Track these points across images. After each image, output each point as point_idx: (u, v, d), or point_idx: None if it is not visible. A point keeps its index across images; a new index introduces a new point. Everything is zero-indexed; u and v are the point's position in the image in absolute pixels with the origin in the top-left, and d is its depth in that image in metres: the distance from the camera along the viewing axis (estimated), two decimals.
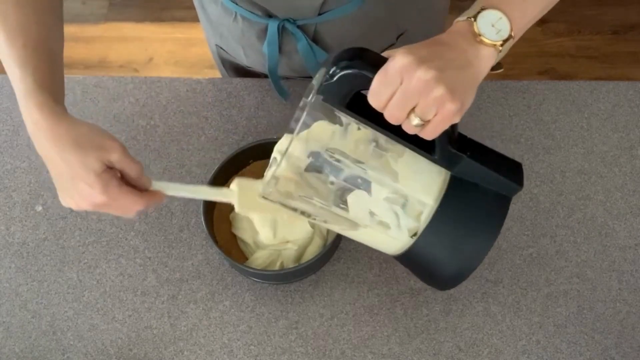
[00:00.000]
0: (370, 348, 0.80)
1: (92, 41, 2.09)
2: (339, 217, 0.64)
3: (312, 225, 0.81)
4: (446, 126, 0.56)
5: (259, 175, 0.86)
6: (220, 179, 0.85)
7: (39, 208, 0.91)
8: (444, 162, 0.63)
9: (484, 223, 0.63)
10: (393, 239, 0.65)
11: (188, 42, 2.06)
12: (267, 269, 0.80)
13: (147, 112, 0.97)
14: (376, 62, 0.56)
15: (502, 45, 0.57)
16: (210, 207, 0.84)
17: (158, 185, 0.67)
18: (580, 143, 0.93)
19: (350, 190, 0.62)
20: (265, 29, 0.88)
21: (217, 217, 0.85)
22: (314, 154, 0.61)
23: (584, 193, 0.89)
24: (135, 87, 0.99)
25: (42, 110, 0.63)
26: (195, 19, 1.03)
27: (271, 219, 0.80)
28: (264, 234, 0.80)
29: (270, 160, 0.68)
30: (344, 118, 0.61)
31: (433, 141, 0.60)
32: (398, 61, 0.54)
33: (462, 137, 0.63)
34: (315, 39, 0.88)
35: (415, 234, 0.64)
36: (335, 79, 0.57)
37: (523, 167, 0.66)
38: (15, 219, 0.90)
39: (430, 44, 0.57)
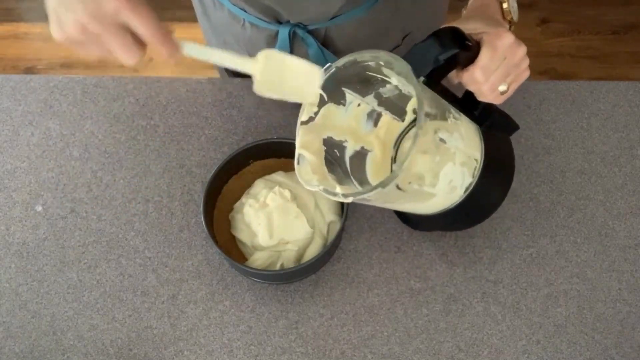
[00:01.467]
0: (370, 348, 0.80)
1: None
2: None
3: (312, 226, 0.81)
4: (514, 91, 0.66)
5: (259, 175, 0.87)
6: (220, 179, 0.85)
7: (39, 208, 0.91)
8: (481, 119, 0.70)
9: (508, 161, 0.74)
10: (450, 199, 0.69)
11: None
12: (267, 269, 0.80)
13: (147, 112, 0.97)
14: (470, 41, 0.63)
15: (512, 25, 0.68)
16: (210, 207, 0.84)
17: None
18: (580, 143, 0.93)
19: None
20: (275, 35, 0.88)
21: (217, 217, 0.85)
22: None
23: (584, 193, 0.89)
24: (135, 87, 0.99)
25: None
26: (195, 19, 1.03)
27: (267, 221, 0.80)
28: (261, 236, 0.80)
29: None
30: (349, 96, 0.67)
31: (471, 102, 0.69)
32: (507, 40, 0.62)
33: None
34: (324, 43, 0.89)
35: (467, 189, 0.68)
36: (444, 60, 0.61)
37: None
38: (15, 219, 0.90)
39: (493, 20, 0.67)
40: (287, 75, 0.60)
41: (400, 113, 0.73)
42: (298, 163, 0.66)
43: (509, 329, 0.81)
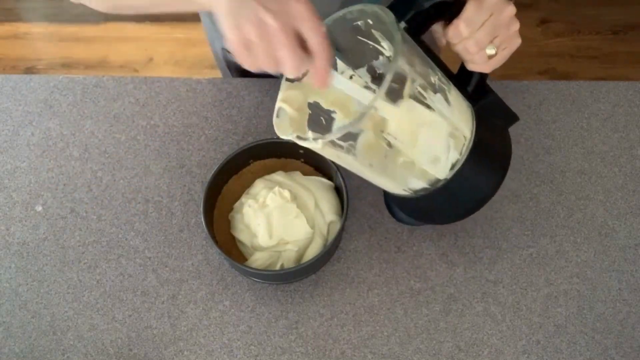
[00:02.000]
0: (370, 348, 0.80)
1: (92, 41, 2.09)
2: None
3: (312, 226, 0.81)
4: (506, 58, 0.65)
5: (259, 175, 0.87)
6: (220, 179, 0.85)
7: (39, 208, 0.91)
8: (475, 96, 0.68)
9: (502, 150, 0.71)
10: (433, 171, 0.67)
11: (188, 42, 2.06)
12: (267, 269, 0.80)
13: (147, 112, 0.97)
14: None
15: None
16: (210, 207, 0.84)
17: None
18: (580, 143, 0.93)
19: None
20: None
21: (217, 217, 0.85)
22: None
23: (584, 193, 0.89)
24: (135, 87, 0.99)
25: None
26: (195, 19, 1.03)
27: (266, 222, 0.80)
28: (261, 236, 0.80)
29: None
30: (340, 65, 0.65)
31: (465, 77, 0.68)
32: None
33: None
34: None
35: (453, 166, 0.66)
36: (429, 5, 0.61)
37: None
38: (15, 219, 0.90)
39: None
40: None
41: (395, 96, 0.67)
42: (277, 116, 0.63)
43: (509, 329, 0.81)
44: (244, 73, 1.04)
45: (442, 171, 0.66)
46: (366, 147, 0.61)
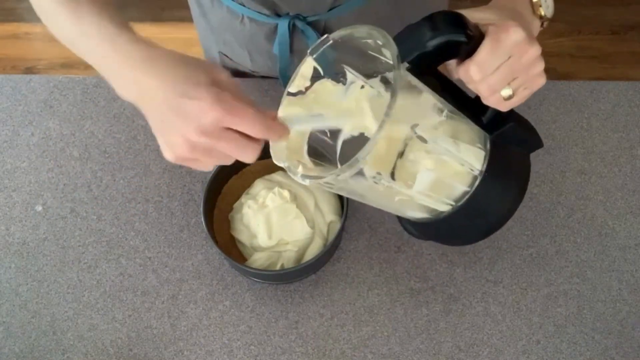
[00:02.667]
0: (370, 348, 0.80)
1: None
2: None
3: (312, 226, 0.81)
4: (524, 100, 0.58)
5: (259, 175, 0.87)
6: (221, 179, 0.85)
7: (39, 208, 0.91)
8: (490, 126, 0.63)
9: (517, 182, 0.65)
10: (435, 207, 0.64)
11: (188, 42, 2.05)
12: (267, 269, 0.80)
13: None
14: (474, 30, 0.54)
15: (544, 21, 0.58)
16: (210, 207, 0.84)
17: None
18: (580, 143, 0.93)
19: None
20: (274, 29, 0.88)
21: (217, 217, 0.85)
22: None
23: (584, 193, 0.89)
24: None
25: (137, 42, 0.56)
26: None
27: (266, 222, 0.80)
28: (260, 237, 0.80)
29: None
30: (350, 76, 0.60)
31: (481, 106, 0.61)
32: (514, 35, 0.53)
33: None
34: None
35: (459, 200, 0.63)
36: (434, 46, 0.54)
37: None
38: (15, 219, 0.90)
39: (514, 13, 0.57)
40: None
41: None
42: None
43: (509, 329, 0.81)
44: (241, 77, 1.04)
45: (444, 205, 0.64)
46: (360, 187, 0.59)
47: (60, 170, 0.93)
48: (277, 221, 0.80)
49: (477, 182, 0.62)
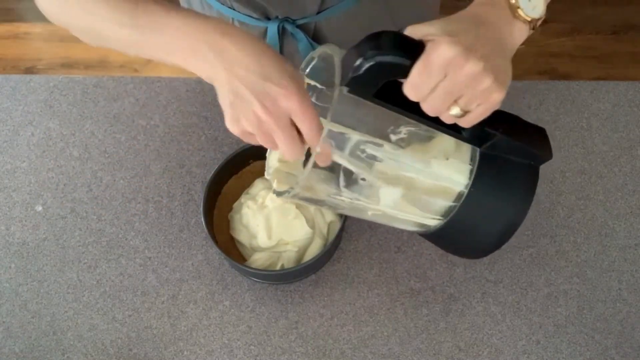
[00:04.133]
0: (370, 348, 0.80)
1: None
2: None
3: (312, 226, 0.81)
4: (488, 114, 0.54)
5: (259, 175, 0.87)
6: (220, 179, 0.85)
7: (39, 208, 0.91)
8: (475, 140, 0.60)
9: (516, 192, 0.61)
10: (420, 222, 0.64)
11: None
12: (267, 269, 0.80)
13: (147, 112, 0.97)
14: (411, 48, 0.52)
15: (533, 23, 0.55)
16: (210, 207, 0.84)
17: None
18: (580, 143, 0.93)
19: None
20: (264, 33, 0.87)
21: (217, 217, 0.85)
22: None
23: (584, 193, 0.89)
24: (135, 87, 0.99)
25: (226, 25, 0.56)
26: None
27: (265, 222, 0.80)
28: (260, 237, 0.80)
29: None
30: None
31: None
32: (444, 53, 0.50)
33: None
34: (314, 38, 0.88)
35: (446, 215, 0.62)
36: (364, 70, 0.52)
37: None
38: (15, 219, 0.90)
39: (471, 22, 0.54)
40: None
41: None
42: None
43: (509, 329, 0.81)
44: None
45: (431, 220, 0.63)
46: (332, 203, 0.60)
47: (60, 170, 0.93)
48: (277, 221, 0.80)
49: (463, 197, 0.60)
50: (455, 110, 0.54)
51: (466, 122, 0.55)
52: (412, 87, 0.53)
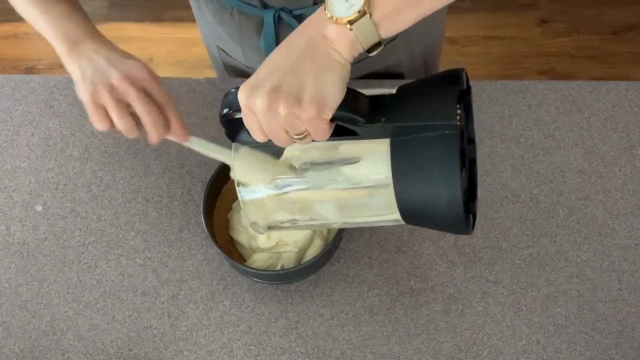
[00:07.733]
0: (370, 348, 0.80)
1: None
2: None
3: None
4: (324, 126, 0.54)
5: None
6: (221, 179, 0.85)
7: (39, 208, 0.91)
8: (374, 134, 0.58)
9: (438, 171, 0.57)
10: (387, 216, 0.64)
11: (188, 42, 2.05)
12: (267, 269, 0.80)
13: None
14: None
15: (352, 21, 0.51)
16: (210, 207, 0.84)
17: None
18: (580, 143, 0.93)
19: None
20: (262, 22, 0.88)
21: (217, 217, 0.85)
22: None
23: (584, 193, 0.89)
24: None
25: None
26: (195, 19, 1.03)
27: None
28: (259, 237, 0.80)
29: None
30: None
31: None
32: (239, 98, 0.55)
33: (377, 101, 0.58)
34: None
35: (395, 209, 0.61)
36: (222, 123, 0.62)
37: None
38: (15, 219, 0.90)
39: (275, 51, 0.55)
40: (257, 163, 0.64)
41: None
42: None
43: (509, 329, 0.81)
44: (239, 73, 1.04)
45: (391, 215, 0.62)
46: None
47: (60, 170, 0.93)
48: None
49: (391, 189, 0.59)
50: (296, 137, 0.55)
51: (316, 139, 0.55)
52: (250, 131, 0.57)
